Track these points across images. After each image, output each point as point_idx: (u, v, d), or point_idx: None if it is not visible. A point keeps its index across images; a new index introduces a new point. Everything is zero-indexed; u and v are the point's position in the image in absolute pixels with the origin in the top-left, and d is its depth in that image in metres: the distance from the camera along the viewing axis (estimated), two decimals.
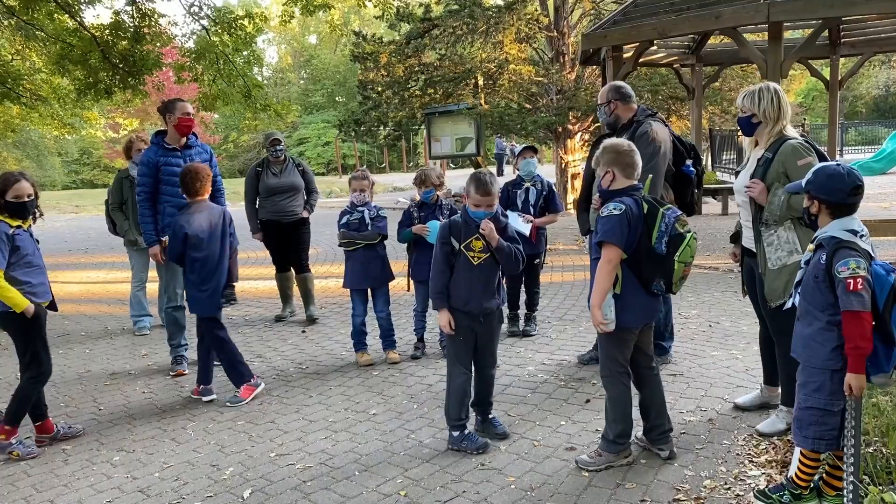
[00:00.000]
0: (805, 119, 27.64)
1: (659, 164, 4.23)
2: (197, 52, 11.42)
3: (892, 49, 11.47)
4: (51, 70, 12.86)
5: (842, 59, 11.78)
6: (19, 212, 3.80)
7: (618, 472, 3.26)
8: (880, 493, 2.55)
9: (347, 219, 5.10)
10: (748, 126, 3.52)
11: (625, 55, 9.16)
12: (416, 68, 14.90)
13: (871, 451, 2.97)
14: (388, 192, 22.06)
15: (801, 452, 2.84)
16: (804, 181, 2.77)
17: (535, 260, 5.51)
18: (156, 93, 14.94)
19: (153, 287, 5.96)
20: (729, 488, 3.07)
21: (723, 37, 11.26)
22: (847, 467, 2.63)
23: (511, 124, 14.47)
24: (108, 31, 10.90)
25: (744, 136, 3.69)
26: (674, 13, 8.27)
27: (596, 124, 14.24)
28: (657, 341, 4.17)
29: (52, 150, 36.19)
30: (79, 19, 11.37)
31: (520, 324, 5.68)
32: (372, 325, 5.32)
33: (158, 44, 11.94)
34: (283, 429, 4.04)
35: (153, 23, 11.29)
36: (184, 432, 4.08)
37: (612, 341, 3.29)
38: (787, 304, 2.99)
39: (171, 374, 5.13)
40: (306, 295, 6.66)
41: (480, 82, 14.75)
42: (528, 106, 14.73)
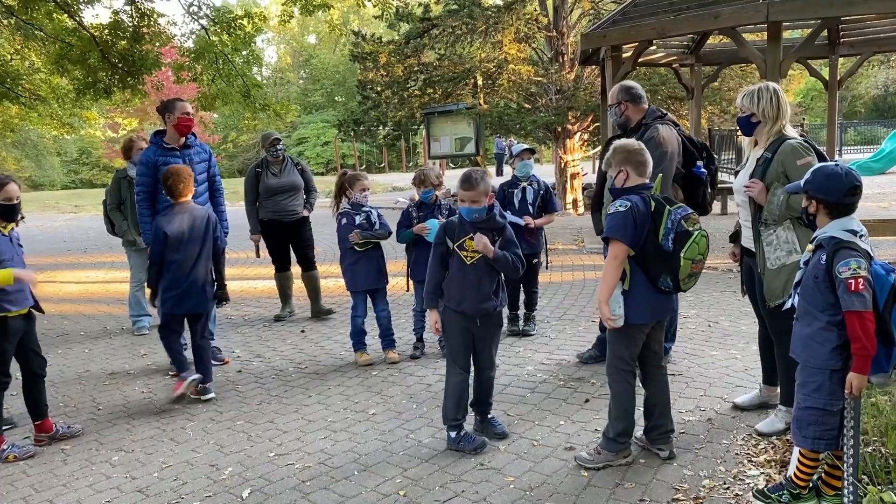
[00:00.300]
0: (804, 119, 27.65)
1: (667, 167, 4.23)
2: (196, 51, 11.43)
3: (891, 49, 11.47)
4: (50, 70, 12.87)
5: (841, 59, 11.78)
6: (8, 214, 3.79)
7: (617, 471, 3.26)
8: (879, 493, 2.55)
9: (358, 219, 5.08)
10: (747, 126, 3.52)
11: (624, 55, 9.17)
12: (416, 68, 14.92)
13: (869, 450, 2.97)
14: (387, 191, 22.06)
15: (799, 452, 2.84)
16: (802, 181, 2.77)
17: (534, 259, 5.51)
18: (155, 92, 14.94)
19: None
20: (728, 488, 3.07)
21: (722, 37, 11.27)
22: (846, 467, 2.63)
23: (510, 124, 14.49)
24: (107, 31, 10.92)
25: (743, 136, 3.69)
26: (673, 13, 8.27)
27: (595, 124, 14.26)
28: None
29: (52, 150, 36.21)
30: (78, 19, 11.37)
31: (519, 323, 5.68)
32: (370, 325, 5.31)
33: (157, 43, 11.96)
34: (283, 429, 4.04)
35: (152, 22, 11.31)
36: (183, 432, 4.08)
37: (619, 338, 3.29)
38: (787, 304, 2.99)
39: (170, 373, 5.12)
40: (314, 292, 6.69)
41: (480, 82, 14.77)
42: (527, 106, 14.75)
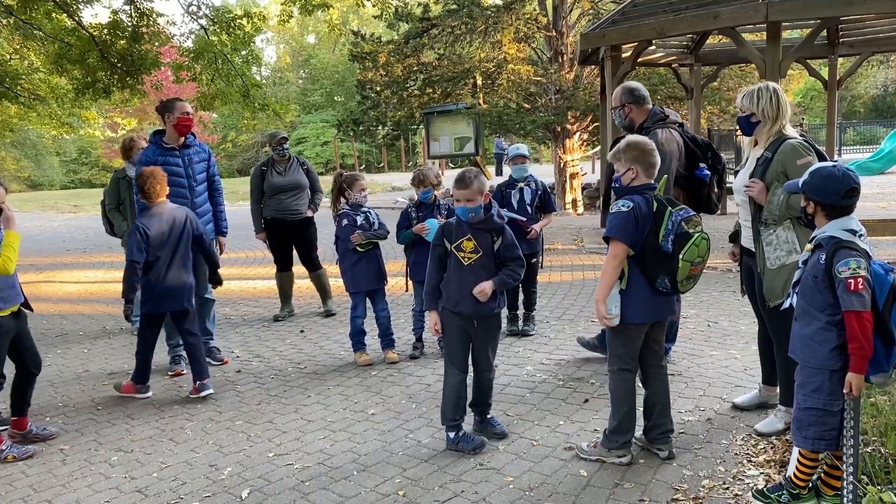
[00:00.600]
0: (803, 119, 27.68)
1: (666, 170, 4.23)
2: (195, 51, 11.42)
3: (891, 49, 11.49)
4: (49, 69, 12.86)
5: (840, 59, 11.80)
6: None
7: (616, 471, 3.26)
8: (878, 493, 2.55)
9: (358, 220, 5.07)
10: (747, 125, 3.53)
11: (623, 55, 9.18)
12: (415, 68, 14.91)
13: (869, 450, 2.97)
14: (386, 191, 22.06)
15: (799, 452, 2.84)
16: (800, 181, 2.77)
17: (533, 259, 5.51)
18: (154, 92, 14.91)
19: None
20: (727, 488, 3.07)
21: (721, 36, 11.27)
22: (846, 467, 2.63)
23: (510, 124, 14.49)
24: (106, 31, 10.91)
25: (743, 136, 3.69)
26: (672, 13, 8.28)
27: (595, 124, 14.25)
28: None
29: (51, 150, 36.19)
30: (77, 19, 11.37)
31: (518, 323, 5.67)
32: (369, 325, 5.31)
33: (157, 43, 11.94)
34: (282, 429, 4.04)
35: (151, 22, 11.29)
36: (182, 432, 4.07)
37: (617, 338, 3.31)
38: (785, 304, 2.99)
39: (170, 373, 5.12)
40: (323, 290, 6.73)
41: (479, 82, 14.76)
42: (526, 105, 14.75)
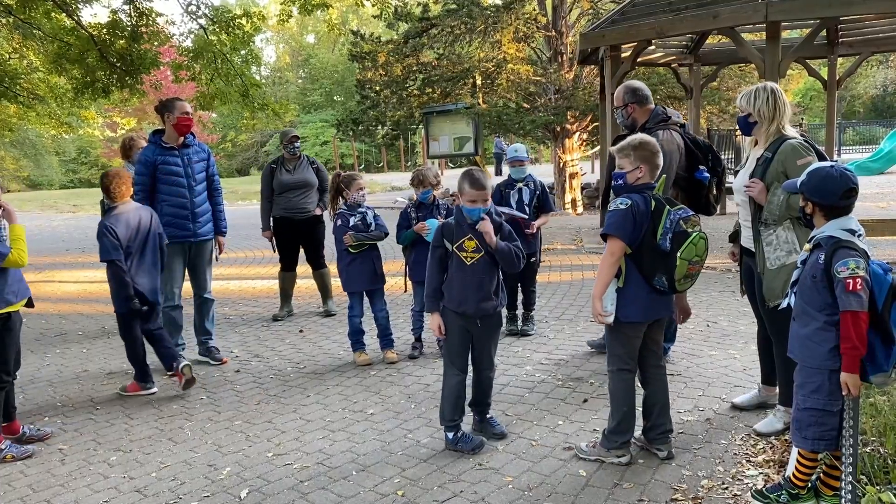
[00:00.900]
0: (803, 119, 27.67)
1: (665, 171, 4.24)
2: (194, 51, 11.43)
3: (890, 49, 11.49)
4: (48, 69, 12.87)
5: (840, 59, 11.80)
6: None
7: (615, 471, 3.26)
8: (877, 493, 2.55)
9: (354, 220, 5.07)
10: (746, 126, 3.54)
11: (623, 55, 9.17)
12: (415, 67, 14.90)
13: (868, 450, 2.97)
14: (386, 191, 22.06)
15: (798, 452, 2.84)
16: (798, 181, 2.77)
17: (532, 258, 5.51)
18: (153, 92, 14.92)
19: None
20: (726, 488, 3.07)
21: (721, 36, 11.27)
22: (845, 467, 2.63)
23: (509, 124, 14.48)
24: (105, 30, 10.91)
25: (743, 136, 3.69)
26: (672, 13, 8.27)
27: (594, 124, 14.25)
28: None
29: (50, 150, 36.17)
30: (76, 18, 11.37)
31: (517, 323, 5.67)
32: (368, 325, 5.31)
33: (156, 43, 11.96)
34: (281, 428, 4.04)
35: (151, 22, 11.30)
36: (181, 432, 4.07)
37: (615, 337, 3.31)
38: (783, 304, 2.99)
39: (168, 373, 5.11)
40: (324, 290, 6.76)
41: (479, 82, 14.75)
42: (526, 105, 14.74)
